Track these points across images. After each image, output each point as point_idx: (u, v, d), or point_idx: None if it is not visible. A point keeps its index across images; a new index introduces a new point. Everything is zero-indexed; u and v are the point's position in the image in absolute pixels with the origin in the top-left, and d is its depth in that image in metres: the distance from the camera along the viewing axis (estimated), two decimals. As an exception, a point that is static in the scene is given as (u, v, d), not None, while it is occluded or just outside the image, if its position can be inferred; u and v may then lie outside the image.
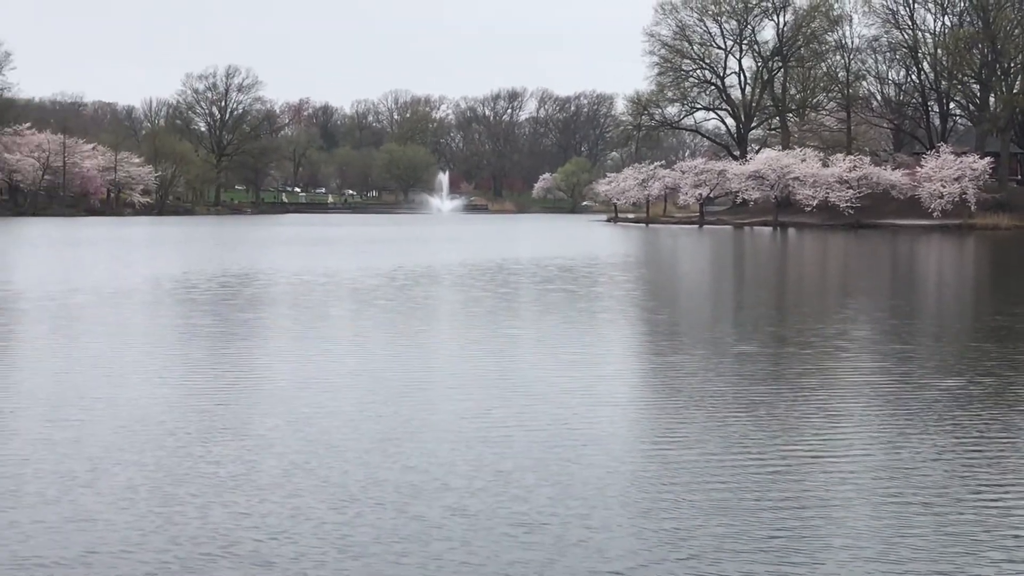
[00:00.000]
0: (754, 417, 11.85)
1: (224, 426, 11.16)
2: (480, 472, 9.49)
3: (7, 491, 8.75)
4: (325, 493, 8.80)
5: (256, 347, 17.60)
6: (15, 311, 22.53)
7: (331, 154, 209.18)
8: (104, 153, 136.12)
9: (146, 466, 9.55)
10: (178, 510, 8.31)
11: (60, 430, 10.90)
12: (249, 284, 29.54)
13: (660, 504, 8.59)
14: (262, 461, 9.77)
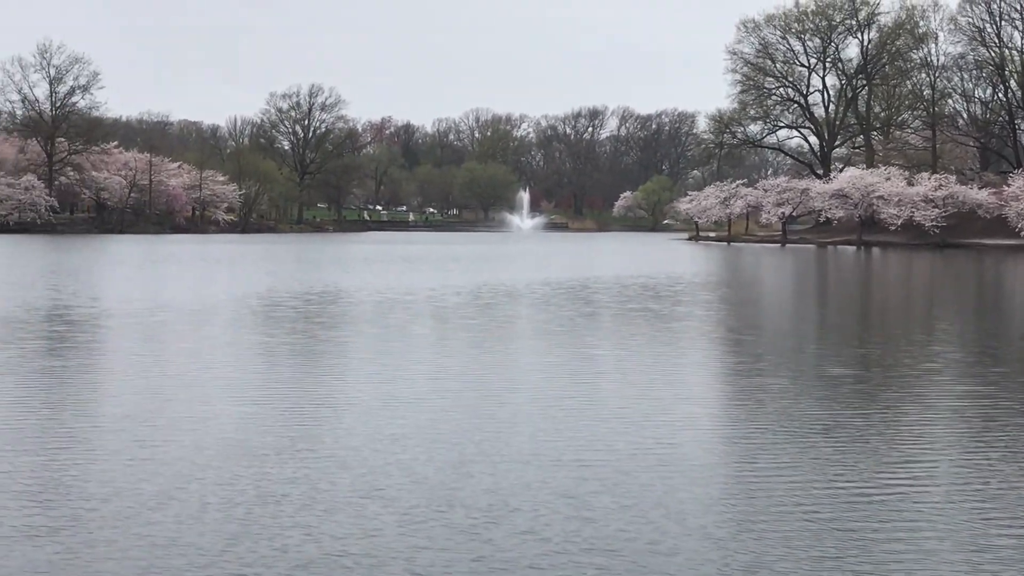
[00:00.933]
0: (841, 442, 11.57)
1: (303, 445, 11.10)
2: (555, 495, 9.33)
3: (87, 509, 8.73)
4: (398, 515, 8.69)
5: (338, 365, 17.59)
6: (102, 328, 22.77)
7: (412, 172, 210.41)
8: (189, 171, 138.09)
9: (223, 484, 9.51)
10: (252, 530, 8.23)
11: (141, 448, 10.91)
12: (332, 302, 29.64)
13: (740, 532, 8.37)
14: (338, 480, 9.69)
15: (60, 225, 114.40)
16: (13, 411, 12.87)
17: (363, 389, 14.80)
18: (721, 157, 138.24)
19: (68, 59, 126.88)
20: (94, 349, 19.34)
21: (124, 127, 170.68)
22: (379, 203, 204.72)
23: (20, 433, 11.59)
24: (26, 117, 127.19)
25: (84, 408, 13.20)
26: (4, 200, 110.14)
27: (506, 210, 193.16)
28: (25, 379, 15.48)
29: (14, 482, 9.57)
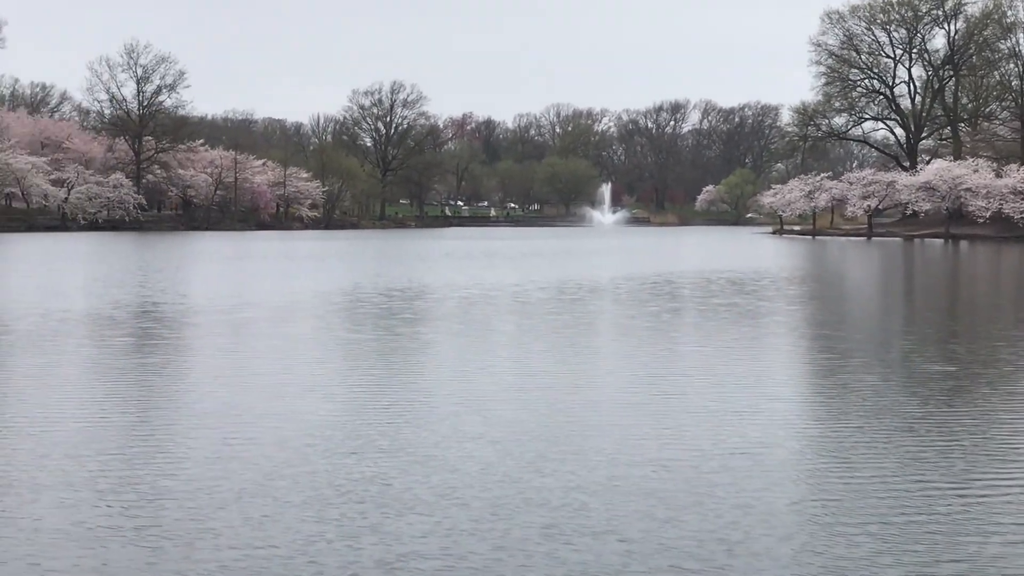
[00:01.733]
0: (932, 439, 11.36)
1: (385, 443, 11.10)
2: (635, 495, 9.22)
3: (171, 507, 8.79)
4: (476, 513, 8.64)
5: (420, 362, 17.61)
6: (189, 325, 23.02)
7: (493, 168, 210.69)
8: (274, 168, 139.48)
9: (303, 482, 9.52)
10: (330, 528, 8.23)
11: (225, 445, 10.98)
12: (415, 298, 29.72)
13: (825, 532, 8.21)
14: (416, 479, 9.66)
15: (147, 222, 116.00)
16: (99, 408, 13.02)
17: (445, 386, 14.79)
18: (805, 150, 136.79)
19: (154, 59, 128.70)
20: (180, 346, 19.55)
21: (209, 125, 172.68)
22: (460, 199, 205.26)
23: (105, 431, 11.72)
24: (114, 116, 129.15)
25: (169, 405, 13.33)
26: (93, 198, 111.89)
27: (587, 205, 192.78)
28: (112, 376, 15.68)
29: (98, 481, 9.67)
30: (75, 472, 9.88)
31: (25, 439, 11.19)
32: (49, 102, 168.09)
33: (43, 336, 20.46)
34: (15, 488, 9.33)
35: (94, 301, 27.91)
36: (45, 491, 9.23)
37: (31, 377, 15.50)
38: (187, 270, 43.82)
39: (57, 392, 14.08)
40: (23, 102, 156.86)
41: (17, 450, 10.72)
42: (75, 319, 23.64)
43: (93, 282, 35.67)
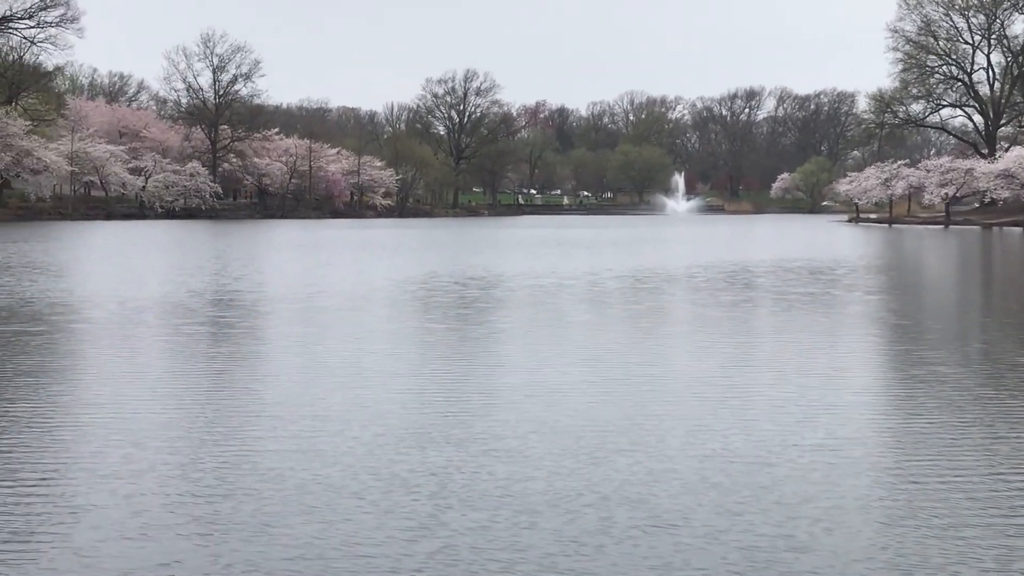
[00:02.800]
0: (1013, 433, 11.10)
1: (451, 433, 11.05)
2: (703, 489, 9.07)
3: (247, 500, 8.80)
4: (541, 506, 8.55)
5: (494, 351, 17.56)
6: (262, 314, 23.15)
7: (567, 156, 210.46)
8: (348, 157, 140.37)
9: (376, 474, 9.49)
10: (387, 520, 8.18)
11: (296, 438, 10.98)
12: (489, 287, 29.69)
13: (896, 530, 8.04)
14: (484, 471, 9.59)
15: (223, 210, 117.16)
16: (172, 396, 13.11)
17: (516, 376, 14.71)
18: (882, 137, 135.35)
19: (230, 48, 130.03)
20: (254, 335, 19.65)
21: (284, 114, 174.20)
22: (533, 187, 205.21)
23: (177, 419, 11.78)
24: (191, 105, 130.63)
25: (240, 395, 13.37)
26: (171, 186, 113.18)
27: (661, 193, 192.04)
28: (186, 365, 15.79)
29: (162, 469, 9.71)
30: (142, 459, 9.93)
31: (98, 427, 11.28)
32: (127, 91, 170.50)
33: (119, 324, 20.68)
34: (83, 476, 9.39)
35: (170, 289, 28.18)
36: (113, 479, 9.29)
37: (106, 365, 15.64)
38: (262, 258, 44.15)
39: (131, 380, 14.19)
40: (102, 91, 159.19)
41: (89, 437, 10.80)
42: (151, 307, 23.87)
43: (170, 270, 36.04)
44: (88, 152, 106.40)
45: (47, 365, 15.40)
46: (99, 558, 7.38)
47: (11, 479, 9.22)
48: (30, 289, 26.91)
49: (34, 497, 8.70)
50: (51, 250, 47.17)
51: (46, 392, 13.22)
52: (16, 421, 11.49)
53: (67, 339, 18.39)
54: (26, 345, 17.24)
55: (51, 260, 39.50)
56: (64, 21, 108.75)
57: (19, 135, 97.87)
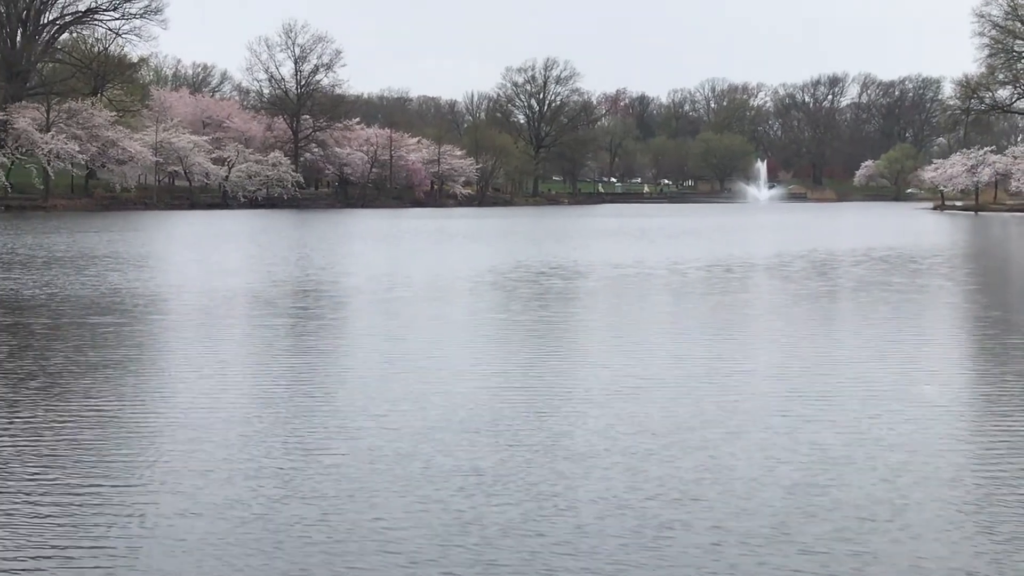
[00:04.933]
0: (1118, 434, 10.73)
1: (521, 427, 10.89)
2: (775, 489, 8.82)
3: (330, 493, 8.72)
4: (607, 506, 8.37)
5: (572, 344, 17.39)
6: (344, 304, 23.18)
7: (647, 144, 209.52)
8: (428, 146, 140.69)
9: (431, 467, 9.36)
10: (440, 518, 8.05)
11: (367, 434, 10.89)
12: (570, 277, 29.50)
13: (974, 534, 7.75)
14: (551, 468, 9.42)
15: (305, 200, 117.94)
16: (255, 386, 13.09)
17: (595, 370, 14.52)
18: (968, 123, 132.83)
19: (312, 38, 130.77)
20: (335, 326, 19.64)
21: (365, 104, 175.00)
22: (613, 175, 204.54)
23: (259, 409, 11.74)
24: (273, 95, 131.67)
25: (322, 386, 13.32)
26: (253, 176, 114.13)
27: (742, 181, 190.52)
28: (268, 355, 15.79)
29: (243, 461, 9.65)
30: (226, 449, 9.89)
31: (179, 422, 11.27)
32: (210, 82, 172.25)
33: (203, 316, 20.79)
34: (175, 465, 9.36)
35: (254, 280, 28.32)
36: (203, 473, 9.25)
37: (190, 358, 15.69)
38: (343, 248, 44.31)
39: (216, 371, 14.21)
40: (185, 82, 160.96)
41: (177, 427, 10.79)
42: (235, 298, 23.99)
43: (252, 260, 36.27)
44: (172, 142, 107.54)
45: (131, 357, 15.48)
46: (192, 558, 7.34)
47: (98, 476, 9.22)
48: (115, 280, 27.17)
49: (116, 497, 8.68)
50: (136, 240, 47.72)
51: (129, 385, 13.26)
52: (101, 415, 11.51)
53: (151, 331, 18.50)
54: (111, 337, 17.35)
55: (136, 251, 39.94)
56: (148, 12, 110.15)
57: (105, 126, 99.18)
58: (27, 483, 8.93)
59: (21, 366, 14.45)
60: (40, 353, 15.55)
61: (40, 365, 14.49)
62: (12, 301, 22.35)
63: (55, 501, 8.43)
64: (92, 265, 31.68)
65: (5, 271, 29.14)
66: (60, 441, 10.37)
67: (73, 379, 13.50)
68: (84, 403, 12.06)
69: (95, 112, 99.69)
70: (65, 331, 17.94)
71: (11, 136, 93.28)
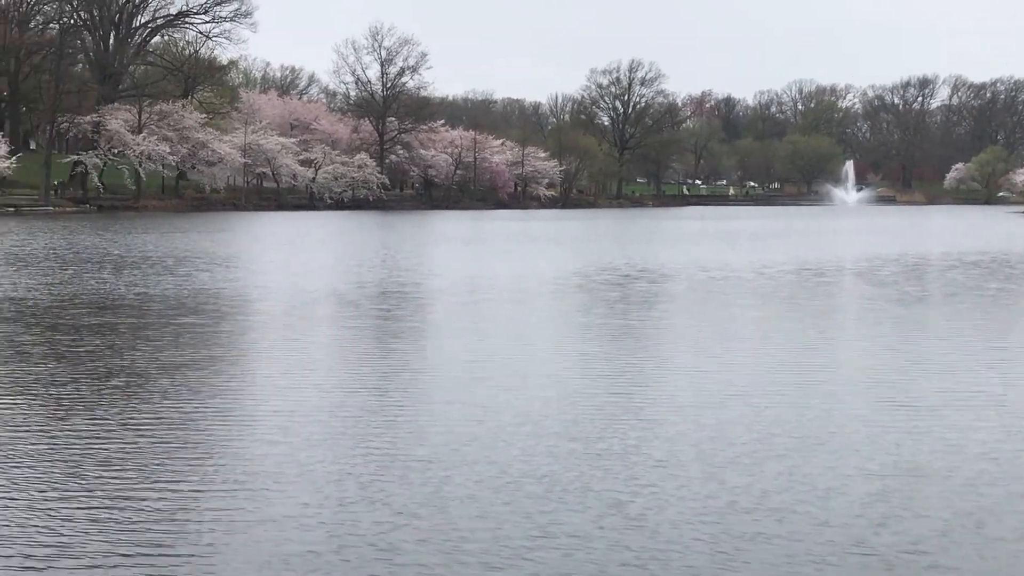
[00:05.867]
0: None
1: (594, 434, 10.76)
2: (865, 499, 8.63)
3: (420, 493, 8.66)
4: (685, 514, 8.21)
5: (653, 349, 17.22)
6: (429, 306, 23.19)
7: (732, 146, 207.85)
8: (512, 148, 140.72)
9: (508, 473, 9.26)
10: (510, 523, 7.94)
11: (437, 440, 10.83)
12: (655, 280, 29.27)
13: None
14: (618, 475, 9.28)
15: (390, 201, 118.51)
16: (341, 389, 13.08)
17: (678, 375, 14.34)
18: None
19: (398, 41, 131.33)
20: (420, 328, 19.63)
21: (450, 106, 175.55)
22: (698, 177, 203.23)
23: (345, 411, 11.72)
24: (359, 98, 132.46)
25: (400, 389, 13.30)
26: (339, 178, 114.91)
27: (830, 183, 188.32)
28: (353, 357, 15.81)
29: (326, 463, 9.62)
30: (307, 451, 9.88)
31: (265, 417, 11.29)
32: (298, 84, 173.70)
33: (289, 316, 20.90)
34: (254, 468, 9.36)
35: (338, 281, 28.46)
36: (282, 477, 9.24)
37: (275, 359, 15.76)
38: (428, 250, 44.43)
39: (299, 373, 14.24)
40: (274, 84, 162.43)
41: (258, 429, 10.80)
42: (320, 299, 24.10)
43: (338, 262, 36.47)
44: (260, 144, 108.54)
45: (215, 357, 15.56)
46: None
47: (176, 478, 9.24)
48: (203, 280, 27.42)
49: (195, 500, 8.70)
50: (224, 241, 48.23)
51: (211, 386, 13.32)
52: (182, 415, 11.57)
53: (236, 332, 18.62)
54: (196, 337, 17.47)
55: (224, 251, 40.34)
56: (238, 16, 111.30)
57: (195, 128, 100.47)
58: (104, 484, 8.96)
59: (103, 365, 14.59)
60: (123, 352, 15.69)
61: (122, 365, 14.62)
62: (101, 301, 22.63)
63: (133, 504, 8.45)
64: (181, 265, 32.02)
65: (96, 271, 29.55)
66: (138, 441, 10.41)
67: (155, 379, 13.59)
68: (164, 403, 12.13)
69: (185, 114, 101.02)
70: (150, 331, 18.10)
71: (104, 137, 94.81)
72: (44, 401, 12.27)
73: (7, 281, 26.48)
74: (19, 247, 39.75)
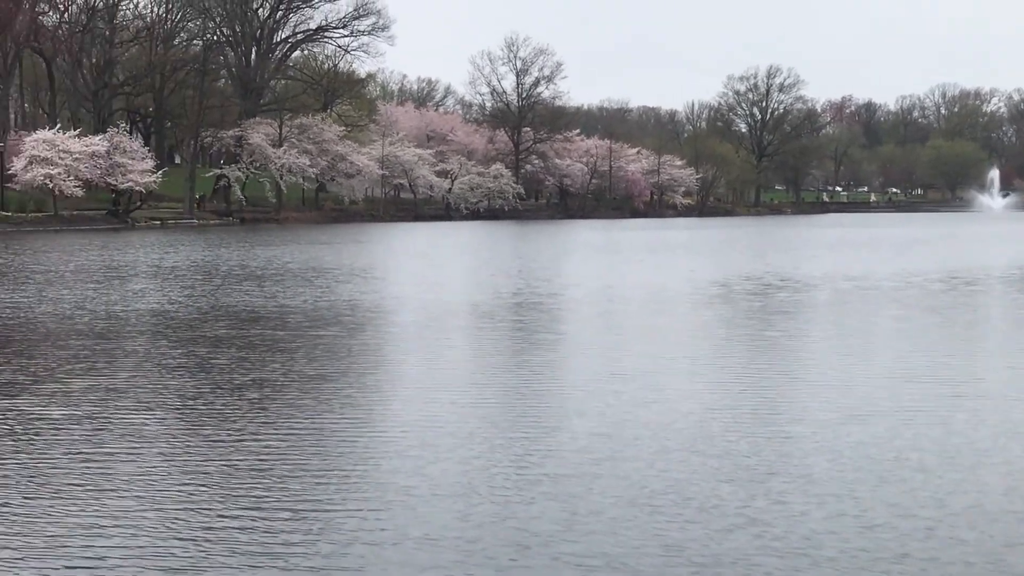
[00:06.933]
0: None
1: (739, 447, 10.44)
2: (999, 518, 8.19)
3: (561, 508, 8.46)
4: (819, 532, 7.85)
5: (793, 362, 16.77)
6: (566, 319, 22.99)
7: (873, 152, 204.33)
8: (648, 157, 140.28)
9: (641, 487, 8.99)
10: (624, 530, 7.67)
11: (572, 453, 10.59)
12: (798, 290, 28.68)
13: None
14: (748, 493, 8.94)
15: (525, 211, 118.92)
16: (474, 405, 12.94)
17: (819, 389, 13.88)
18: None
19: (533, 51, 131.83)
20: (558, 342, 19.42)
21: (585, 115, 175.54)
22: (838, 184, 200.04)
23: (475, 428, 11.57)
24: (495, 108, 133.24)
25: (521, 401, 13.10)
26: (475, 188, 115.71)
27: (975, 189, 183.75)
28: (488, 370, 15.67)
29: (464, 485, 9.46)
30: (442, 464, 9.74)
31: (401, 430, 11.19)
32: (434, 96, 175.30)
33: (424, 327, 20.88)
34: (391, 482, 9.25)
35: (475, 291, 28.45)
36: (417, 491, 9.11)
37: (411, 368, 15.71)
38: (564, 260, 44.28)
39: (434, 384, 14.15)
40: (410, 96, 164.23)
41: (394, 442, 10.70)
42: (456, 310, 24.07)
43: (474, 272, 36.52)
44: (398, 156, 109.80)
45: (350, 369, 15.55)
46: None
47: (314, 493, 9.17)
48: (341, 292, 27.60)
49: (330, 516, 8.61)
50: (362, 252, 48.67)
51: (345, 398, 13.28)
52: (316, 428, 11.52)
53: (372, 343, 18.63)
54: (331, 349, 17.51)
55: (362, 262, 40.67)
56: (376, 29, 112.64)
57: (334, 140, 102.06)
58: (238, 499, 8.92)
59: (239, 377, 14.66)
60: (260, 365, 15.76)
61: (258, 377, 14.67)
62: (240, 313, 22.88)
63: (265, 518, 8.39)
64: (320, 277, 32.30)
65: (237, 284, 29.97)
66: (271, 455, 10.37)
67: (289, 391, 13.60)
68: (298, 416, 12.10)
69: (325, 127, 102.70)
70: (287, 343, 18.18)
71: (246, 151, 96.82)
72: (180, 413, 12.35)
73: (152, 294, 26.98)
74: (164, 260, 40.60)
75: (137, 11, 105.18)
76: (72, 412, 12.32)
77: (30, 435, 11.22)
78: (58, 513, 8.49)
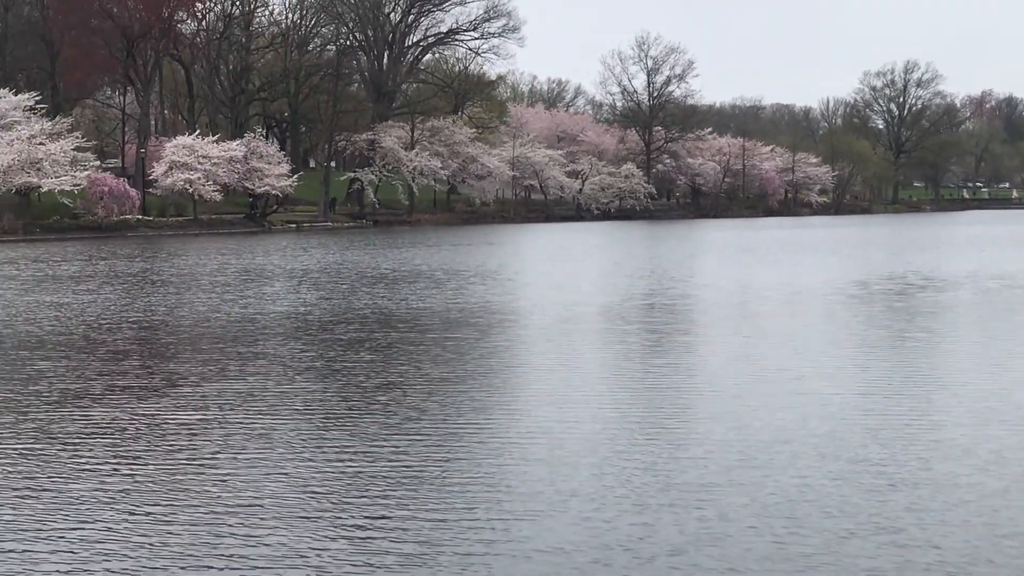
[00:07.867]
0: None
1: (868, 452, 10.02)
2: None
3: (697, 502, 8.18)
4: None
5: (933, 360, 16.22)
6: (696, 320, 22.67)
7: (1016, 147, 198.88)
8: (782, 154, 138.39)
9: (764, 489, 8.65)
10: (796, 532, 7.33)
11: (702, 456, 10.28)
12: (940, 290, 27.87)
13: None
14: (875, 499, 8.54)
15: (657, 211, 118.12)
16: (606, 408, 12.72)
17: (960, 393, 13.39)
18: None
19: (664, 50, 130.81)
20: (692, 344, 19.10)
21: (717, 113, 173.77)
22: (979, 180, 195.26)
23: (612, 435, 11.34)
24: (625, 108, 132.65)
25: (666, 404, 12.82)
26: (606, 188, 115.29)
27: None
28: (620, 373, 15.45)
29: (599, 489, 9.22)
30: (574, 468, 9.53)
31: (533, 434, 11.00)
32: (564, 97, 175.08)
33: (555, 329, 20.71)
34: (521, 485, 9.06)
35: (607, 292, 28.21)
36: (544, 496, 8.91)
37: (540, 370, 15.55)
38: (697, 260, 43.80)
39: (565, 386, 13.97)
40: (541, 98, 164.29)
41: (520, 446, 10.52)
42: (588, 311, 23.88)
43: (606, 273, 36.27)
44: (528, 157, 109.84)
45: (478, 372, 15.44)
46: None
47: (441, 497, 9.03)
48: (472, 294, 27.56)
49: (458, 523, 8.45)
50: (493, 253, 48.70)
51: (470, 400, 13.16)
52: (447, 432, 11.40)
53: (502, 345, 18.50)
54: (460, 350, 17.41)
55: (493, 264, 40.65)
56: (506, 31, 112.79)
57: (465, 142, 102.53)
58: (366, 505, 8.83)
59: (368, 380, 14.64)
60: (389, 367, 15.73)
61: (388, 380, 14.61)
62: (372, 315, 22.94)
63: (392, 525, 8.29)
64: (451, 279, 32.31)
65: (369, 286, 30.09)
66: (400, 459, 10.28)
67: (418, 394, 13.54)
68: (425, 419, 12.04)
69: (456, 129, 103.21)
70: (416, 345, 18.15)
71: (379, 154, 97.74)
72: (310, 416, 12.35)
73: (288, 297, 27.21)
74: (298, 262, 41.07)
75: (272, 18, 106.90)
76: (203, 416, 12.40)
77: (159, 438, 11.30)
78: (175, 516, 8.48)
